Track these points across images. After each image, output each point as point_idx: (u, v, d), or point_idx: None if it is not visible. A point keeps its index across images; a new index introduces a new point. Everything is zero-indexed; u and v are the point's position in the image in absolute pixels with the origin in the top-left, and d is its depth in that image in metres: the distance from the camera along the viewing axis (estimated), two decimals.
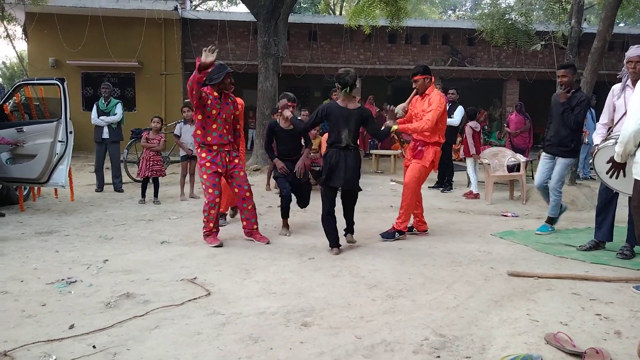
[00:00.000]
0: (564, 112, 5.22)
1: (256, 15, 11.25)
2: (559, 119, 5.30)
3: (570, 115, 5.21)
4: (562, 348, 2.60)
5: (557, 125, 5.34)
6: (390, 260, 4.37)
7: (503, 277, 3.92)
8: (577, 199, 7.12)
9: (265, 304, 3.28)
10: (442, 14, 33.82)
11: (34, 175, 6.37)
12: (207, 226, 4.88)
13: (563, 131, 5.30)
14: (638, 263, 4.20)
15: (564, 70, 5.29)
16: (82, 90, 15.05)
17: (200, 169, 4.91)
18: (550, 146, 5.42)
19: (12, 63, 29.79)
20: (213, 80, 4.90)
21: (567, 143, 5.30)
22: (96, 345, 2.66)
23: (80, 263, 4.20)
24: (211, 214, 4.83)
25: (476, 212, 6.83)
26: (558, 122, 5.32)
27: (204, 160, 4.83)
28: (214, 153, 4.84)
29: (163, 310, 3.18)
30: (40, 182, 6.45)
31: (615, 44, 16.25)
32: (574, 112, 5.21)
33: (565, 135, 5.29)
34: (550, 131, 5.44)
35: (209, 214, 4.83)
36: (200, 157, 4.88)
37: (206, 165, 4.81)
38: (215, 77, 4.90)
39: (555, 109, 5.39)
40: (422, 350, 2.63)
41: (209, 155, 4.83)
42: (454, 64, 16.51)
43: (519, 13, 12.31)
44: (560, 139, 5.32)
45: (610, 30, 6.90)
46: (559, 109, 5.30)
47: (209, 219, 4.85)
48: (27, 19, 14.69)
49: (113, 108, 8.22)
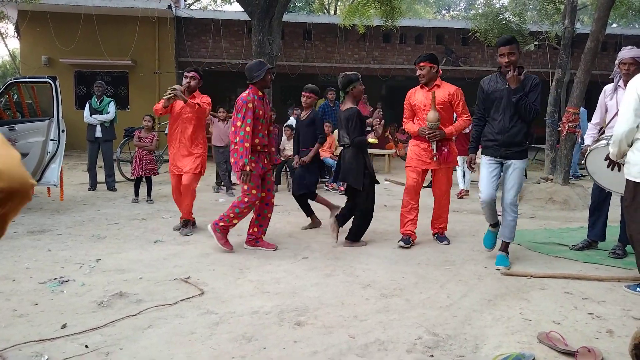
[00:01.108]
0: (519, 101, 4.08)
1: (250, 14, 11.22)
2: (509, 111, 4.15)
3: (528, 104, 4.07)
4: (554, 347, 2.61)
5: (506, 119, 4.16)
6: (384, 260, 4.38)
7: (496, 276, 3.94)
8: (570, 198, 7.16)
9: (259, 304, 3.27)
10: (437, 14, 33.87)
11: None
12: (230, 221, 4.60)
13: (516, 126, 4.15)
14: (630, 262, 4.22)
15: (510, 47, 4.10)
16: (74, 89, 14.95)
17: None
18: (497, 147, 4.23)
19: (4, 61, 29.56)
20: (255, 79, 4.64)
21: (521, 141, 4.19)
22: (88, 345, 2.64)
23: (73, 262, 4.18)
24: (243, 213, 4.58)
25: (469, 211, 6.85)
26: (507, 114, 4.16)
27: (252, 162, 4.56)
28: (256, 154, 4.62)
29: (156, 309, 3.16)
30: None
31: (608, 44, 16.33)
32: (531, 100, 4.10)
33: (519, 130, 4.15)
34: (493, 128, 4.25)
35: (241, 212, 4.57)
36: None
37: (251, 165, 4.52)
38: (256, 75, 4.64)
39: (498, 98, 4.22)
40: (415, 349, 2.63)
41: (253, 156, 4.58)
42: (448, 64, 16.53)
43: (512, 13, 12.37)
44: (512, 137, 4.16)
45: (603, 30, 6.93)
46: (507, 97, 4.15)
47: (238, 216, 4.58)
48: (19, 17, 14.57)
49: (106, 106, 8.17)
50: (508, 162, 4.22)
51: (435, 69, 4.87)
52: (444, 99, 4.80)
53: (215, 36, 15.51)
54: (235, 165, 4.50)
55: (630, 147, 3.34)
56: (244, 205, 4.54)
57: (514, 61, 4.11)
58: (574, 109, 7.07)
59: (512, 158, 4.20)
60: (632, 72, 4.22)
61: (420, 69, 4.82)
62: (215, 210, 6.58)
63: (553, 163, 8.23)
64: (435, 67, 4.86)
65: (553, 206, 7.10)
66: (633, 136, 3.28)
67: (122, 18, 14.57)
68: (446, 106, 4.82)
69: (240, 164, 4.40)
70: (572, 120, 7.07)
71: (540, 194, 7.40)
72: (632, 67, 4.26)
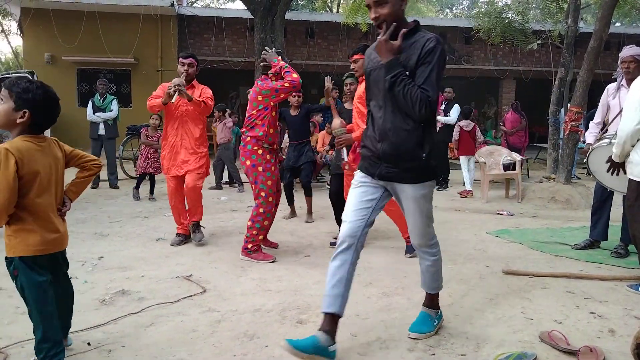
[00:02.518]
0: (395, 85, 2.41)
1: (253, 12, 11.22)
2: (391, 102, 2.51)
3: (409, 89, 2.39)
4: (556, 346, 2.61)
5: (387, 116, 2.53)
6: (385, 258, 4.38)
7: (498, 275, 3.94)
8: (573, 197, 7.15)
9: (261, 301, 3.28)
10: (439, 12, 33.80)
11: None
12: (257, 240, 4.26)
13: (404, 128, 2.49)
14: (632, 262, 4.22)
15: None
16: (77, 86, 14.98)
17: (265, 173, 4.25)
18: (375, 161, 2.60)
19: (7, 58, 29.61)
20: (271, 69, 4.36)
21: (414, 152, 2.50)
22: (91, 342, 2.65)
23: (75, 260, 4.19)
24: (264, 226, 4.31)
25: (472, 210, 6.85)
26: (388, 108, 2.53)
27: (270, 165, 4.29)
28: (273, 155, 4.36)
29: (158, 307, 3.17)
30: None
31: (611, 43, 16.28)
32: (419, 80, 2.42)
33: (408, 135, 2.49)
34: (373, 130, 2.63)
35: (262, 226, 4.27)
36: (265, 160, 4.26)
37: (272, 169, 4.29)
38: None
39: (379, 81, 2.55)
40: (417, 348, 2.63)
41: (272, 158, 4.33)
42: (451, 63, 16.51)
43: (515, 12, 12.33)
44: (396, 146, 2.51)
45: (606, 29, 6.91)
46: (381, 78, 2.51)
47: (260, 231, 4.27)
48: (22, 15, 14.60)
49: (109, 104, 8.19)
50: (394, 186, 2.60)
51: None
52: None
53: (217, 34, 15.51)
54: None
55: (633, 147, 3.32)
56: (262, 217, 4.27)
57: (387, 15, 2.46)
58: (576, 108, 7.06)
59: (400, 180, 2.55)
60: (633, 70, 4.22)
61: (354, 62, 4.32)
62: (217, 209, 6.59)
63: (555, 162, 8.21)
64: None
65: (555, 205, 7.09)
66: (638, 136, 3.26)
67: (125, 16, 14.59)
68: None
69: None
70: (574, 119, 7.05)
71: (543, 193, 7.40)
72: (633, 65, 4.25)
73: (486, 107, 18.65)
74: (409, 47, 2.47)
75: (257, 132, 4.25)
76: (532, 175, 10.30)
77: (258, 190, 4.26)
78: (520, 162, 8.02)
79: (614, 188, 4.11)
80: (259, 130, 4.25)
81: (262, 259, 4.24)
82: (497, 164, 7.99)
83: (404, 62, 2.46)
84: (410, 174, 2.55)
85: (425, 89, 2.40)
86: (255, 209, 4.30)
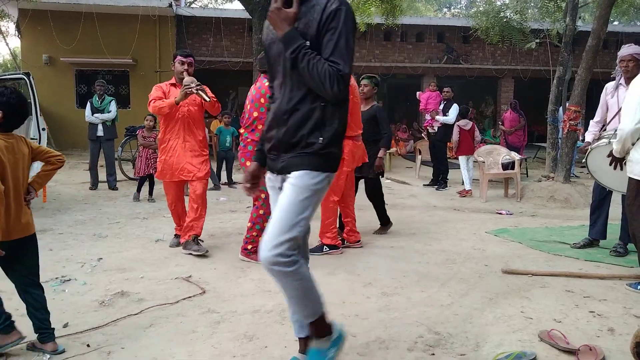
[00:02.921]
0: (297, 60, 2.01)
1: (251, 12, 11.21)
2: (290, 80, 2.12)
3: (312, 62, 1.99)
4: (555, 345, 2.61)
5: (285, 97, 2.14)
6: (385, 258, 4.38)
7: (497, 274, 3.94)
8: (572, 196, 7.16)
9: (260, 302, 3.28)
10: (438, 12, 33.82)
11: None
12: (256, 241, 4.19)
13: (299, 109, 2.10)
14: (631, 260, 4.22)
15: None
16: (75, 88, 14.96)
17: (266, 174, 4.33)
18: (274, 153, 2.20)
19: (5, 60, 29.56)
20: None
21: (311, 135, 2.09)
22: (90, 344, 2.65)
23: (75, 261, 4.19)
24: (264, 227, 4.14)
25: (471, 209, 6.85)
26: (287, 88, 2.13)
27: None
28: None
29: (158, 308, 3.17)
30: None
31: (609, 42, 16.29)
32: (326, 52, 2.01)
33: (303, 117, 2.09)
34: (270, 118, 2.23)
35: (262, 227, 4.16)
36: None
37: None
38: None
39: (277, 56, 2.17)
40: (416, 348, 2.63)
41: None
42: (449, 62, 16.51)
43: (513, 11, 12.34)
44: (290, 132, 2.11)
45: (604, 28, 6.91)
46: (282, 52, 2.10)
47: (260, 232, 4.19)
48: (20, 16, 14.57)
49: (107, 105, 8.18)
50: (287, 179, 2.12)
51: None
52: None
53: (216, 34, 15.50)
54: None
55: (633, 145, 3.33)
56: (262, 219, 4.23)
57: None
58: (575, 107, 7.06)
59: (288, 171, 2.11)
60: (631, 69, 4.22)
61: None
62: (216, 210, 6.58)
63: (554, 161, 8.22)
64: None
65: (554, 204, 7.09)
66: (638, 134, 3.26)
67: (123, 16, 14.56)
68: None
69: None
70: (573, 118, 7.05)
71: (542, 192, 7.40)
72: (631, 64, 4.25)
73: (483, 106, 18.67)
74: (308, 11, 2.05)
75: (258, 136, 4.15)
76: (531, 175, 10.31)
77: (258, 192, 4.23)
78: (519, 161, 8.03)
79: (612, 187, 4.12)
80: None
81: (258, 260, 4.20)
82: (496, 163, 7.99)
83: (303, 30, 2.04)
84: (301, 159, 2.08)
85: (335, 62, 2.00)
86: (255, 211, 4.29)
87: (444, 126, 8.72)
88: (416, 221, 6.03)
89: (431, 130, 9.07)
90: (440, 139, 8.86)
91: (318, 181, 2.08)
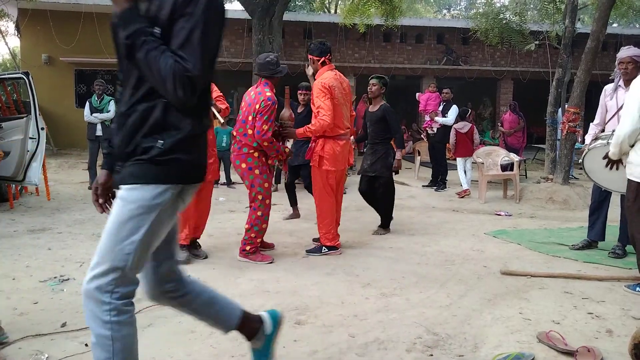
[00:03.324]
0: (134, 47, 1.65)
1: (251, 13, 11.21)
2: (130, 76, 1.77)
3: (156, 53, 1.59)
4: (554, 347, 2.61)
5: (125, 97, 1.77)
6: (384, 259, 4.38)
7: (496, 275, 3.94)
8: (570, 198, 7.16)
9: (259, 302, 3.27)
10: (437, 13, 33.85)
11: (9, 172, 6.33)
12: (255, 242, 4.25)
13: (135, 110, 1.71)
14: (630, 262, 4.23)
15: None
16: (75, 87, 14.96)
17: (262, 176, 4.23)
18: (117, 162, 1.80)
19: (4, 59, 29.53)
20: (277, 74, 4.32)
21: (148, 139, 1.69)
22: (88, 344, 2.64)
23: (73, 261, 4.18)
24: (262, 229, 4.28)
25: (470, 211, 6.86)
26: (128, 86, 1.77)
27: (266, 167, 4.28)
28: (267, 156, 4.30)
29: (156, 308, 3.16)
30: (17, 180, 6.41)
31: (608, 44, 16.32)
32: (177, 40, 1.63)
33: (139, 119, 1.70)
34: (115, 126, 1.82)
35: (260, 228, 4.26)
36: (262, 163, 4.24)
37: (267, 171, 4.28)
38: (279, 70, 4.33)
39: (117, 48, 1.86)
40: (415, 349, 2.63)
41: (267, 161, 4.29)
42: (448, 63, 16.52)
43: (513, 13, 12.36)
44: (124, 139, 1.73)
45: (603, 30, 6.93)
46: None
47: (258, 233, 4.27)
48: (19, 15, 14.57)
49: (106, 105, 8.18)
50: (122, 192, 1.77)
51: (321, 60, 4.37)
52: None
53: None
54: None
55: (632, 147, 3.33)
56: (260, 220, 4.24)
57: None
58: (574, 109, 7.07)
59: (121, 181, 1.77)
60: (630, 71, 4.22)
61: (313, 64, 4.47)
62: (215, 210, 6.57)
63: (553, 163, 8.23)
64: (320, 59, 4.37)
65: (553, 206, 7.10)
66: (636, 136, 3.26)
67: None
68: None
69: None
70: (572, 119, 7.06)
71: (540, 194, 7.41)
72: (630, 66, 4.26)
73: (481, 108, 18.68)
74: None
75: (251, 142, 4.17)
76: (530, 176, 10.31)
77: (255, 194, 4.23)
78: (518, 163, 8.03)
79: (610, 188, 4.12)
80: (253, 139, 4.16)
81: (260, 260, 4.22)
82: (495, 165, 8.00)
83: (155, 13, 1.65)
84: (133, 168, 1.69)
85: (183, 58, 1.58)
86: (252, 212, 4.28)
87: (443, 127, 8.72)
88: (415, 222, 6.03)
89: (430, 132, 9.07)
90: (440, 140, 8.86)
91: (154, 195, 1.67)
